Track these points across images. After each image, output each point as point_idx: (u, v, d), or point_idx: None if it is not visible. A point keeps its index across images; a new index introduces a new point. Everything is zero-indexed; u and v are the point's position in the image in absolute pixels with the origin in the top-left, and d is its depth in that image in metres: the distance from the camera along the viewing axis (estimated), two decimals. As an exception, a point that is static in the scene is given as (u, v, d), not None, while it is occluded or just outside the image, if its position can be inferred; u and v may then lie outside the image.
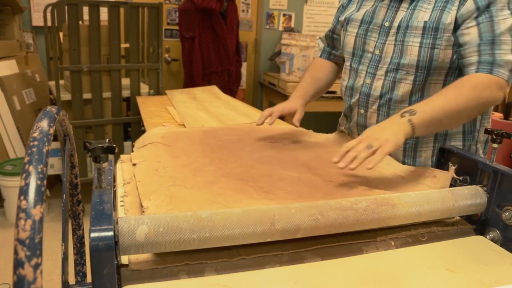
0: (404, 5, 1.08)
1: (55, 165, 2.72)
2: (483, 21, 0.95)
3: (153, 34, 2.65)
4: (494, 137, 0.79)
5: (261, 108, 3.94)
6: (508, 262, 0.67)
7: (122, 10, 2.74)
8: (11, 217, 2.58)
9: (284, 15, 4.10)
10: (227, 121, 1.49)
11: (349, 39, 1.19)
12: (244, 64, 4.05)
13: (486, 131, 0.83)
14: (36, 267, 0.34)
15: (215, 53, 3.03)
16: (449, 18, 0.99)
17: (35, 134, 0.44)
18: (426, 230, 0.74)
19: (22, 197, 0.37)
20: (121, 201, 0.77)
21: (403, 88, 1.07)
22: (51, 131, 0.46)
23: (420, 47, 1.03)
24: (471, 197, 0.76)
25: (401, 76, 1.07)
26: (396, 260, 0.66)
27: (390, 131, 0.85)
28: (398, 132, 0.85)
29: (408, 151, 1.11)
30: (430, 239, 0.73)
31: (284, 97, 3.41)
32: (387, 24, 1.10)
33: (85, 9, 2.48)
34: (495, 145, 0.80)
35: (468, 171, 0.84)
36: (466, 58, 0.98)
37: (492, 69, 0.94)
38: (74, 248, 0.80)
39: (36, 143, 0.42)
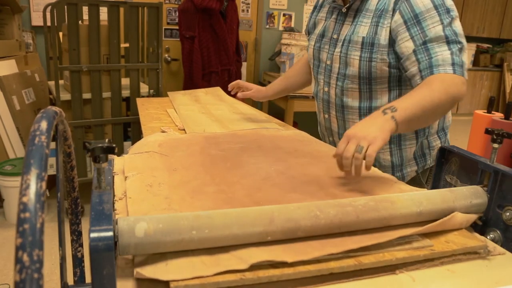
0: (349, 19, 1.18)
1: (55, 165, 2.72)
2: (416, 34, 1.02)
3: (153, 34, 2.64)
4: (495, 137, 0.79)
5: (260, 108, 3.94)
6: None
7: (122, 10, 2.73)
8: (11, 217, 2.57)
9: (284, 14, 4.10)
10: (230, 126, 1.44)
11: (310, 51, 1.32)
12: (244, 64, 4.05)
13: (487, 131, 0.83)
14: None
15: (215, 53, 3.02)
16: (383, 33, 1.08)
17: (28, 177, 0.39)
18: (451, 258, 0.67)
19: (20, 253, 0.34)
20: None
21: (352, 95, 1.18)
22: (47, 152, 0.43)
23: (360, 60, 1.12)
24: (471, 197, 0.75)
25: (347, 85, 1.18)
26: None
27: (376, 127, 0.86)
28: (384, 129, 0.85)
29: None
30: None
31: (285, 97, 3.41)
32: (335, 36, 1.20)
33: (85, 9, 2.48)
34: (495, 145, 0.79)
35: (469, 171, 0.84)
36: (409, 70, 1.05)
37: (433, 70, 0.99)
38: (70, 227, 0.79)
39: (29, 181, 0.39)
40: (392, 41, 1.07)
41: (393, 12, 1.05)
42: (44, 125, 0.46)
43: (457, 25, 1.02)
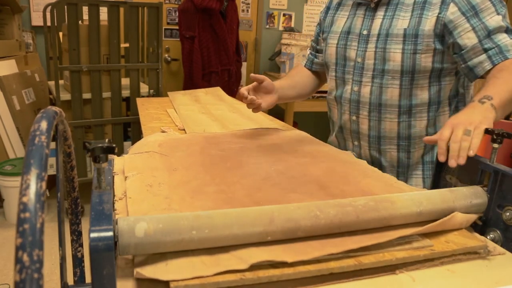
0: (380, 13, 1.14)
1: (55, 165, 2.72)
2: (476, 24, 1.03)
3: (153, 34, 2.65)
4: (495, 137, 0.79)
5: (261, 108, 3.93)
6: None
7: (122, 10, 2.74)
8: (11, 217, 2.58)
9: (284, 14, 4.10)
10: (230, 126, 1.44)
11: (330, 50, 1.25)
12: (244, 64, 4.05)
13: (487, 131, 0.82)
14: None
15: (215, 53, 3.02)
16: (427, 24, 1.06)
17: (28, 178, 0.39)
18: (451, 258, 0.67)
19: (20, 253, 0.34)
20: None
21: (391, 92, 1.13)
22: (47, 152, 0.43)
23: (403, 53, 1.09)
24: (471, 197, 0.75)
25: (387, 81, 1.13)
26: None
27: (480, 115, 0.86)
28: (487, 116, 0.86)
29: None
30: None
31: (284, 97, 3.41)
32: (365, 32, 1.16)
33: (85, 9, 2.48)
34: (495, 145, 0.79)
35: (469, 171, 0.84)
36: (473, 59, 1.04)
37: (506, 55, 1.00)
38: (70, 227, 0.79)
39: (29, 181, 0.39)
40: (442, 32, 1.06)
41: (442, 3, 1.05)
42: (44, 125, 0.46)
43: (507, 16, 1.06)
